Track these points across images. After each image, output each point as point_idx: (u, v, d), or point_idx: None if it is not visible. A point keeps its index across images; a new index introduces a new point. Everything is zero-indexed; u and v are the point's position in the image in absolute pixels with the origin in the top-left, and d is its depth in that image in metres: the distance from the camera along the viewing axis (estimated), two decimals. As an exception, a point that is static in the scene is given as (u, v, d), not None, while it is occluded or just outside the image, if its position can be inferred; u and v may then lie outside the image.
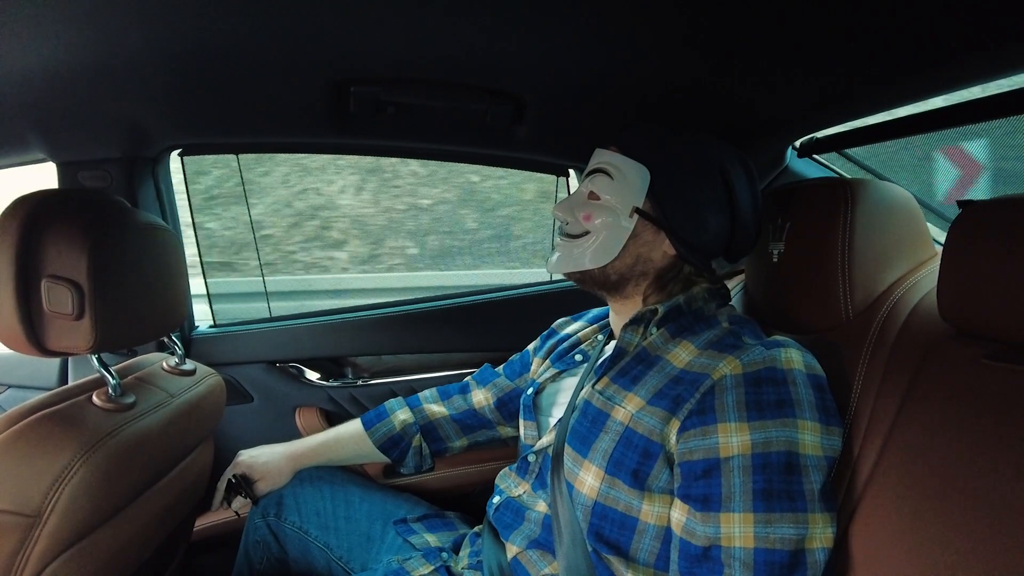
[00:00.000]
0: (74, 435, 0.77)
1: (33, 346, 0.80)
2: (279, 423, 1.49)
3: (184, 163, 1.41)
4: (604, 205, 0.92)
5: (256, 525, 1.18)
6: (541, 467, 0.99)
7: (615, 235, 0.91)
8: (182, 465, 1.04)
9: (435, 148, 1.46)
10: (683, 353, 0.86)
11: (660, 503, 0.82)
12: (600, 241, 0.92)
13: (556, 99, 1.17)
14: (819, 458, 0.75)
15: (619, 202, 0.91)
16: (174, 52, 0.95)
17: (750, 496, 0.74)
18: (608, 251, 0.91)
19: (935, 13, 0.70)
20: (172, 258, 0.99)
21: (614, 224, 0.91)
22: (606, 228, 0.91)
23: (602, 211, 0.92)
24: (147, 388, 0.96)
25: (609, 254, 0.91)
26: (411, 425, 1.25)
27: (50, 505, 0.73)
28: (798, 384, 0.78)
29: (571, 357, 1.09)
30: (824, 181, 0.93)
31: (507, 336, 1.53)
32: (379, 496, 1.23)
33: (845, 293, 0.87)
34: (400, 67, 1.05)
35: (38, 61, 0.93)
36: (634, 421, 0.83)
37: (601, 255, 0.92)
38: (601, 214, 0.92)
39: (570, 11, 0.83)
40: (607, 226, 0.91)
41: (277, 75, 1.06)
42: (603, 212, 0.92)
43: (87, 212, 0.83)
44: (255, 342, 1.50)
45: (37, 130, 1.19)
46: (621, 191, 0.91)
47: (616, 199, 0.91)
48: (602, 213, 0.92)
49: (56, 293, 0.78)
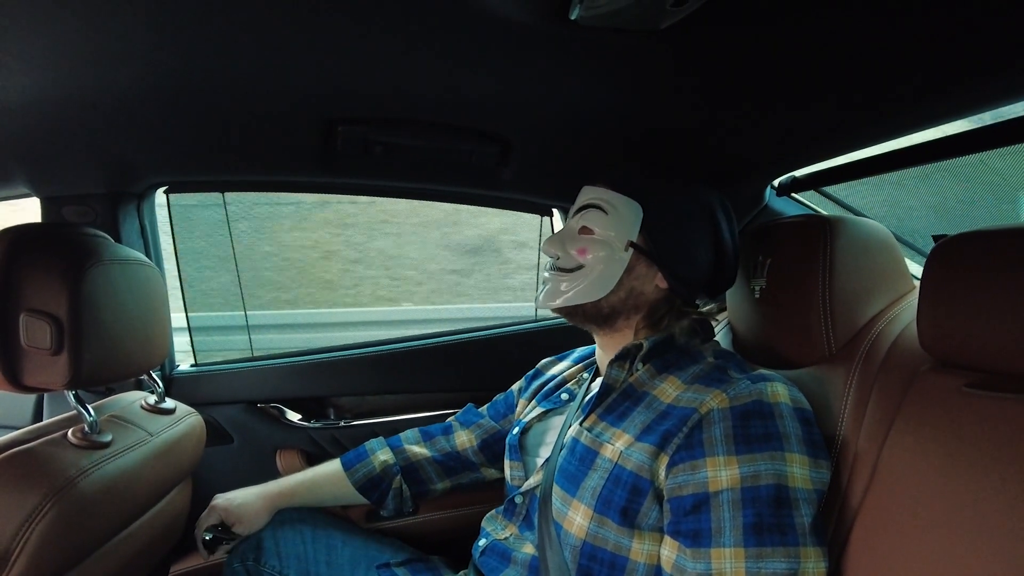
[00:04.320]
0: (46, 474, 0.75)
1: (8, 381, 0.78)
2: (259, 465, 1.46)
3: (169, 200, 1.41)
4: (599, 239, 0.93)
5: (235, 570, 1.14)
6: (528, 508, 0.97)
7: (611, 268, 0.92)
8: (158, 507, 1.01)
9: (421, 187, 1.47)
10: (670, 388, 0.86)
11: (650, 541, 0.81)
12: (596, 275, 0.92)
13: (541, 140, 1.19)
14: (809, 491, 0.75)
15: (614, 236, 0.92)
16: (162, 89, 0.96)
17: (740, 530, 0.73)
18: (604, 284, 0.92)
19: (909, 53, 0.73)
20: (154, 295, 0.98)
21: (610, 258, 0.92)
22: (602, 262, 0.92)
23: (597, 245, 0.92)
24: (124, 427, 0.94)
25: (605, 287, 0.92)
26: (392, 466, 1.22)
27: (18, 546, 0.71)
28: (785, 417, 0.78)
29: (557, 396, 1.08)
30: (802, 218, 0.95)
31: (492, 375, 1.52)
32: (361, 540, 1.20)
33: (827, 328, 0.88)
34: (388, 107, 1.07)
35: (24, 95, 0.93)
36: (623, 458, 0.83)
37: (597, 288, 0.92)
38: (597, 248, 0.92)
39: (554, 55, 0.85)
40: (603, 260, 0.92)
41: (265, 114, 1.08)
42: (598, 246, 0.92)
43: (68, 246, 0.82)
44: (236, 382, 1.47)
45: (21, 164, 1.18)
46: (616, 225, 0.92)
47: (611, 233, 0.92)
48: (597, 247, 0.92)
49: (34, 327, 0.77)
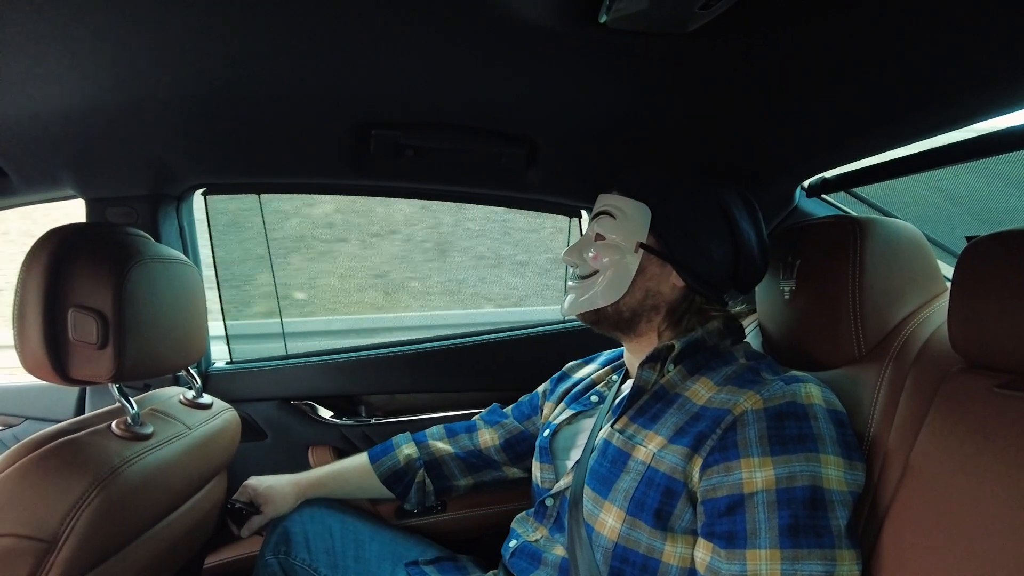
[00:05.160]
0: (93, 463, 0.78)
1: (57, 374, 0.81)
2: (292, 460, 1.49)
3: (207, 202, 1.46)
4: (610, 244, 0.94)
5: (267, 563, 1.17)
6: (559, 511, 0.98)
7: (622, 271, 0.93)
8: (195, 498, 1.04)
9: (450, 190, 1.49)
10: (702, 390, 0.87)
11: (683, 544, 0.81)
12: (608, 278, 0.93)
13: (568, 143, 1.21)
14: (844, 493, 0.75)
15: (623, 239, 0.93)
16: (201, 95, 1.00)
17: (776, 532, 0.73)
18: (617, 287, 0.93)
19: (943, 49, 0.73)
20: (193, 293, 1.02)
21: (620, 261, 0.93)
22: (613, 265, 0.93)
23: (608, 250, 0.94)
24: (164, 420, 0.98)
25: (619, 290, 0.93)
26: (415, 460, 1.24)
27: (66, 531, 0.74)
28: (819, 419, 0.77)
29: (587, 398, 1.09)
30: (832, 219, 0.94)
31: (518, 376, 1.53)
32: (389, 536, 1.22)
33: (857, 329, 0.87)
34: (419, 111, 1.09)
35: (73, 101, 0.98)
36: (656, 460, 0.83)
37: (611, 292, 0.93)
38: (607, 253, 0.94)
39: (582, 59, 0.86)
40: (614, 263, 0.93)
41: (301, 118, 1.11)
42: (609, 251, 0.94)
43: (113, 245, 0.86)
44: (270, 379, 1.51)
45: (69, 168, 1.23)
46: (624, 229, 0.93)
47: (620, 237, 0.93)
48: (608, 252, 0.94)
49: (81, 322, 0.80)
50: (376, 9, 0.76)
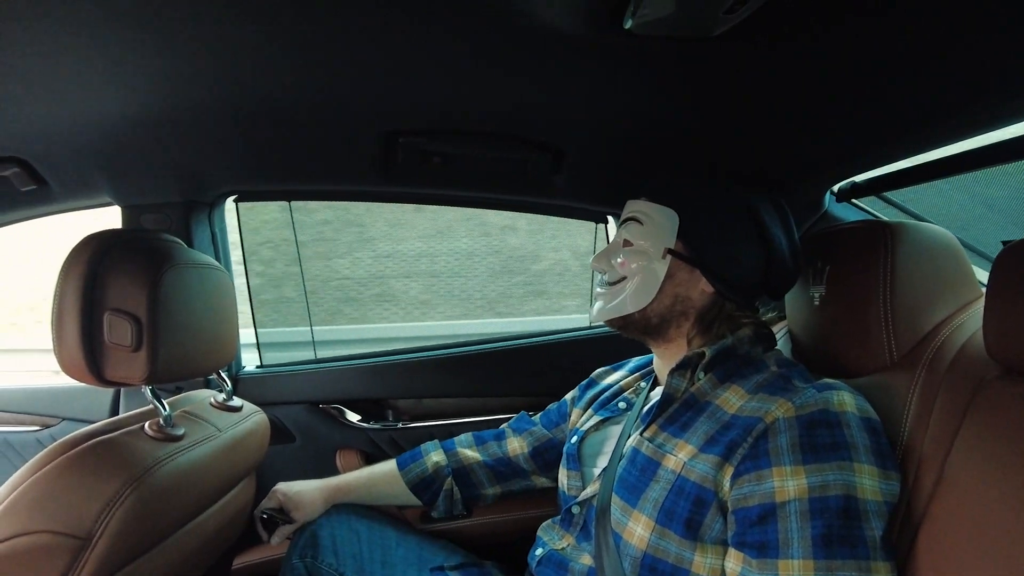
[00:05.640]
0: (126, 462, 0.80)
1: (93, 375, 0.83)
2: (320, 464, 1.50)
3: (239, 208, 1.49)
4: (637, 250, 0.94)
5: (293, 566, 1.18)
6: (586, 518, 0.97)
7: (650, 277, 0.92)
8: (225, 499, 1.06)
9: (476, 196, 1.50)
10: (733, 398, 0.85)
11: (713, 554, 0.80)
12: (636, 284, 0.93)
13: (594, 149, 1.21)
14: (879, 503, 0.73)
15: (651, 245, 0.93)
16: (233, 104, 1.02)
17: (809, 542, 0.71)
18: (645, 293, 0.92)
19: (978, 52, 0.71)
20: (224, 298, 1.04)
21: (648, 267, 0.92)
22: (641, 271, 0.93)
23: (636, 256, 0.94)
24: (196, 422, 1.00)
25: (647, 296, 0.92)
26: (444, 468, 1.25)
27: (100, 528, 0.75)
28: (852, 427, 0.76)
29: (614, 405, 1.08)
30: (862, 224, 0.93)
31: (546, 382, 1.53)
32: (415, 541, 1.22)
33: (888, 336, 0.85)
34: (446, 119, 1.10)
35: (111, 112, 1.01)
36: (687, 469, 0.82)
37: (639, 298, 0.93)
38: (635, 259, 0.93)
39: (608, 64, 0.86)
40: (642, 269, 0.93)
41: (329, 127, 1.12)
42: (637, 257, 0.93)
43: (147, 250, 0.88)
44: (299, 383, 1.53)
45: (106, 176, 1.27)
46: (652, 235, 0.93)
47: (648, 243, 0.93)
48: (636, 258, 0.93)
49: (116, 325, 0.82)
50: (402, 19, 0.77)
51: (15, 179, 1.18)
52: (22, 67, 0.85)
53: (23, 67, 0.85)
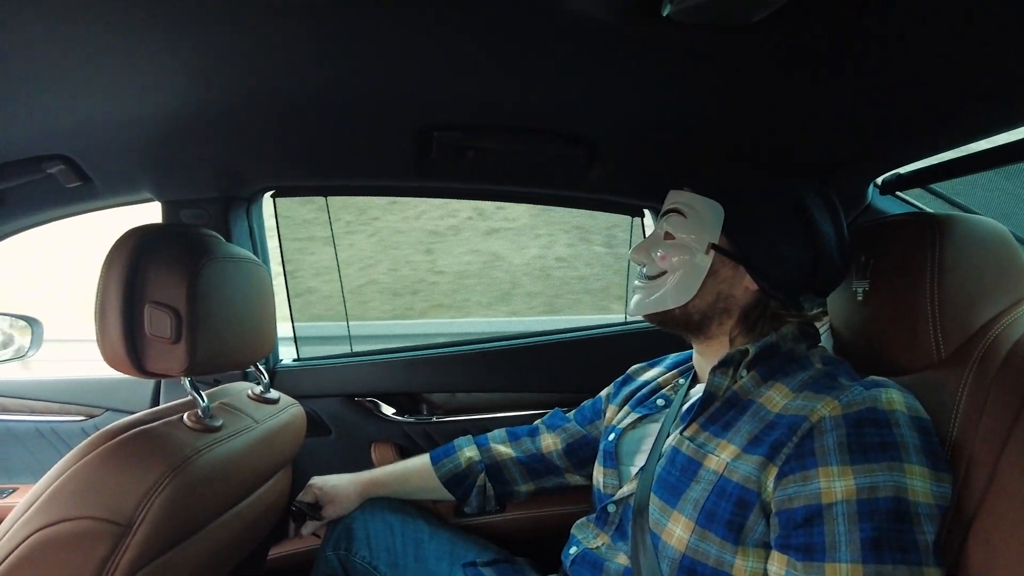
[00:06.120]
0: (166, 452, 0.82)
1: (134, 367, 0.85)
2: (355, 456, 1.51)
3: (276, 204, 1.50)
4: (679, 244, 0.92)
5: (327, 558, 1.19)
6: (622, 518, 0.95)
7: (692, 273, 0.90)
8: (261, 490, 1.07)
9: (511, 190, 1.50)
10: (777, 396, 0.83)
11: (755, 558, 0.77)
12: (677, 280, 0.91)
13: (629, 141, 1.19)
14: (931, 506, 0.70)
15: (694, 239, 0.90)
16: (269, 101, 1.03)
17: (858, 546, 0.69)
18: (687, 289, 0.90)
19: None
20: (262, 291, 1.05)
21: (690, 262, 0.90)
22: (683, 266, 0.91)
23: (678, 250, 0.91)
24: (233, 413, 1.01)
25: (688, 292, 0.90)
26: (477, 463, 1.24)
27: (141, 515, 0.77)
28: (901, 426, 0.73)
29: (652, 402, 1.06)
30: (908, 217, 0.90)
31: (581, 377, 1.52)
32: (448, 535, 1.22)
33: (935, 332, 0.82)
34: (480, 113, 1.10)
35: (151, 109, 1.03)
36: (729, 470, 0.80)
37: (680, 294, 0.91)
38: (677, 252, 0.91)
39: (644, 54, 0.84)
40: (683, 264, 0.91)
41: (365, 123, 1.13)
42: (679, 251, 0.91)
43: (187, 245, 0.89)
44: (335, 376, 1.54)
45: (147, 172, 1.30)
46: (695, 228, 0.91)
47: (691, 237, 0.91)
48: (678, 252, 0.91)
49: (157, 318, 0.84)
50: (435, 13, 0.77)
51: (61, 176, 1.21)
52: (65, 67, 0.87)
53: (66, 67, 0.87)
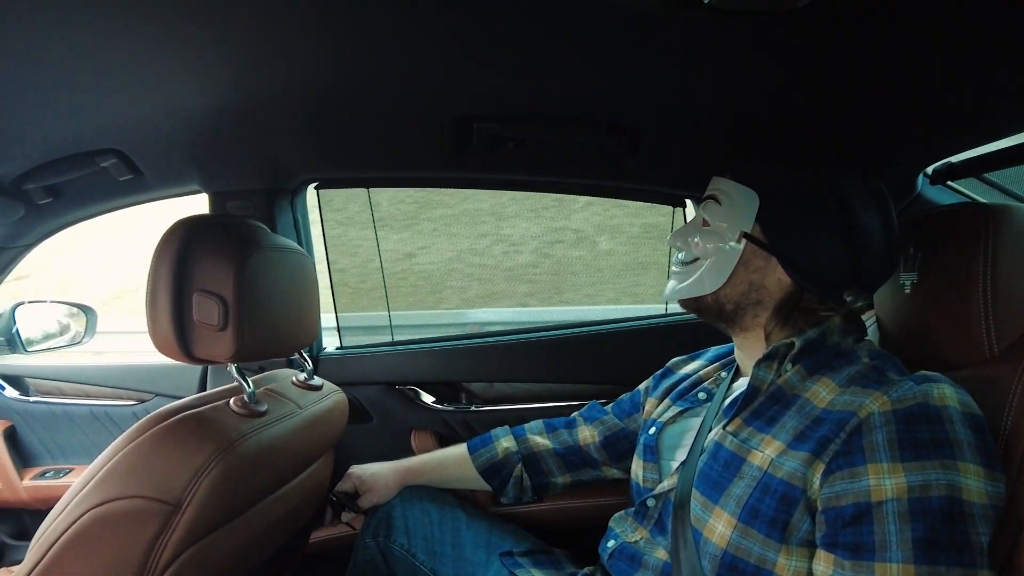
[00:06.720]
0: (213, 435, 0.84)
1: (183, 353, 0.88)
2: (395, 443, 1.54)
3: (319, 195, 1.53)
4: (713, 231, 0.91)
5: (366, 545, 1.21)
6: (661, 512, 0.95)
7: (723, 259, 0.89)
8: (304, 475, 1.09)
9: (551, 180, 1.49)
10: (823, 391, 0.81)
11: (798, 556, 0.76)
12: (709, 265, 0.90)
13: (670, 130, 1.17)
14: (985, 507, 0.67)
15: (727, 227, 0.89)
16: (313, 94, 1.05)
17: (909, 546, 0.67)
18: (718, 275, 0.89)
19: None
20: (306, 280, 1.07)
21: (721, 249, 0.89)
22: (715, 253, 0.90)
23: (711, 237, 0.91)
24: (278, 399, 1.03)
25: (719, 279, 0.89)
26: (514, 454, 1.25)
27: (189, 496, 0.79)
28: (954, 423, 0.70)
29: (694, 395, 1.05)
30: (960, 207, 0.86)
31: (619, 370, 1.51)
32: (485, 525, 1.23)
33: (988, 327, 0.79)
34: (519, 103, 1.10)
35: (197, 103, 1.06)
36: (774, 466, 0.78)
37: (711, 280, 0.90)
38: (710, 239, 0.91)
39: (686, 42, 0.83)
40: (716, 251, 0.90)
41: (406, 114, 1.14)
42: (712, 237, 0.90)
43: (234, 235, 0.91)
44: (376, 364, 1.57)
45: (195, 165, 1.33)
46: (729, 216, 0.90)
47: (724, 224, 0.90)
48: (711, 239, 0.91)
49: (205, 305, 0.86)
50: (476, 5, 0.77)
51: (113, 169, 1.25)
52: (115, 63, 0.89)
53: (115, 63, 0.89)
